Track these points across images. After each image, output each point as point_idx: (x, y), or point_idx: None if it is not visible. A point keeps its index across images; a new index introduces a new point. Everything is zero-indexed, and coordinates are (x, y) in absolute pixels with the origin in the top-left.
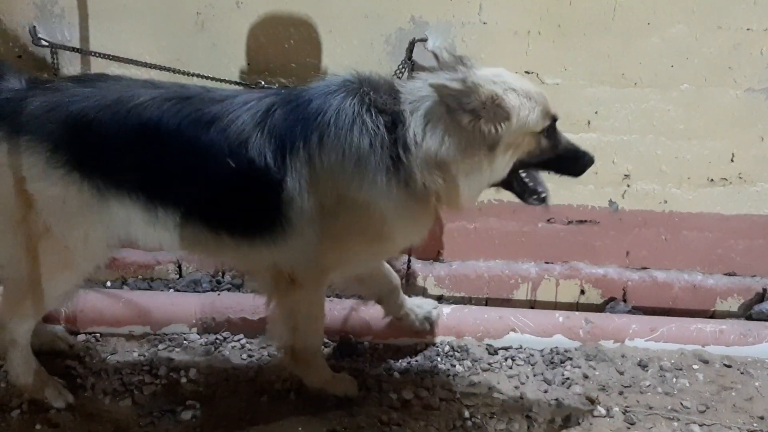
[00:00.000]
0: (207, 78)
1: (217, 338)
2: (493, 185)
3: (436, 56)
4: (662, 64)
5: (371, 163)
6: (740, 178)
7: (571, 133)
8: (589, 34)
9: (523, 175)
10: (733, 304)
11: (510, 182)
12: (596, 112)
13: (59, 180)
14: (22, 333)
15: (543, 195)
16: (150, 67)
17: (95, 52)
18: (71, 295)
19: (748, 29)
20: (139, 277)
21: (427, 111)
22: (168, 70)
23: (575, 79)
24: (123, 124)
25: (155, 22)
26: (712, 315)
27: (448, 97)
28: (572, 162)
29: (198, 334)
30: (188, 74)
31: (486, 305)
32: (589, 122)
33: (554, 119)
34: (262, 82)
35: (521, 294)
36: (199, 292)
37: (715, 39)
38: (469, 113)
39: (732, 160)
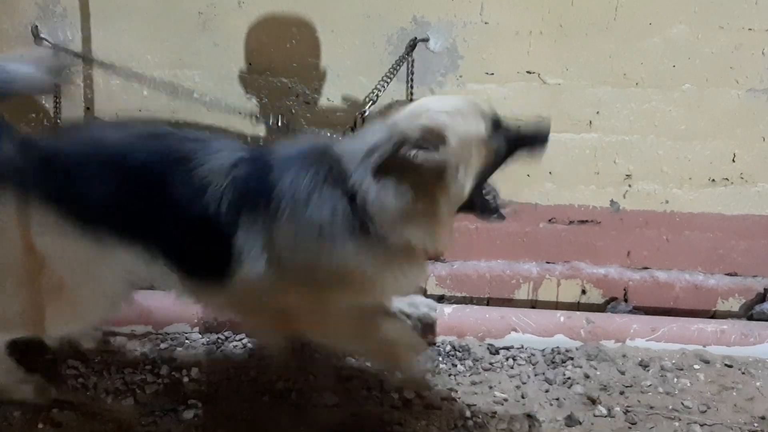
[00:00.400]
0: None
1: (218, 337)
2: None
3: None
4: (664, 65)
5: (336, 231)
6: (742, 178)
7: (573, 133)
8: (590, 34)
9: (485, 193)
10: (734, 304)
11: (472, 203)
12: (598, 112)
13: (56, 230)
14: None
15: (503, 212)
16: (149, 83)
17: (97, 60)
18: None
19: (749, 29)
20: None
21: (374, 172)
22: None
23: (577, 79)
24: (90, 159)
25: (157, 22)
26: (714, 315)
27: (388, 162)
28: (531, 141)
29: (200, 333)
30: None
31: (487, 305)
32: (590, 122)
33: (494, 118)
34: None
35: (522, 294)
36: None
37: (717, 39)
38: (414, 154)
39: (733, 161)
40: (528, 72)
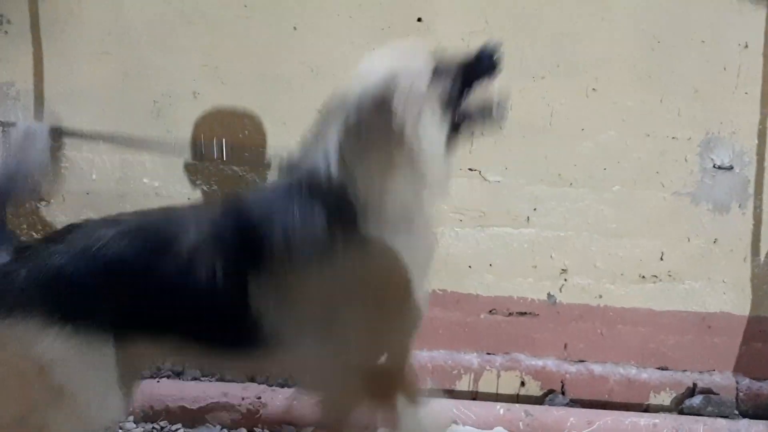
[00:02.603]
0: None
1: (154, 427)
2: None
3: None
4: (595, 167)
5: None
6: (670, 275)
7: (512, 228)
8: (528, 136)
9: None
10: (665, 398)
11: (459, 126)
12: (535, 209)
13: (55, 338)
14: None
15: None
16: (102, 140)
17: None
18: None
19: (673, 138)
20: None
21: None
22: (121, 143)
23: (515, 177)
24: (93, 269)
25: (111, 108)
26: (647, 408)
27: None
28: (478, 68)
29: (135, 422)
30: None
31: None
32: (528, 218)
33: (437, 58)
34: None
35: (464, 385)
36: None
37: (644, 145)
38: (369, 122)
39: (662, 259)
40: (470, 169)
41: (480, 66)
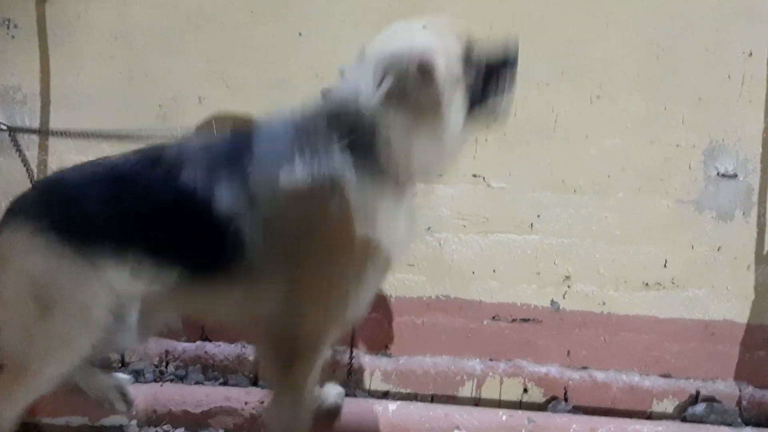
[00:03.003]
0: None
1: (157, 431)
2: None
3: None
4: (599, 174)
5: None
6: (673, 283)
7: (515, 234)
8: (532, 142)
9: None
10: (668, 406)
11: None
12: (539, 216)
13: (44, 248)
14: (5, 419)
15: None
16: (108, 138)
17: (52, 131)
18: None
19: (677, 145)
20: None
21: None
22: (128, 137)
23: (519, 183)
24: (98, 185)
25: (117, 112)
26: (649, 416)
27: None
28: (502, 68)
29: (138, 426)
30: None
31: (432, 402)
32: (531, 224)
33: (466, 47)
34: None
35: (466, 391)
36: (141, 382)
37: (648, 153)
38: (413, 89)
39: (665, 266)
40: (474, 175)
41: (504, 60)
